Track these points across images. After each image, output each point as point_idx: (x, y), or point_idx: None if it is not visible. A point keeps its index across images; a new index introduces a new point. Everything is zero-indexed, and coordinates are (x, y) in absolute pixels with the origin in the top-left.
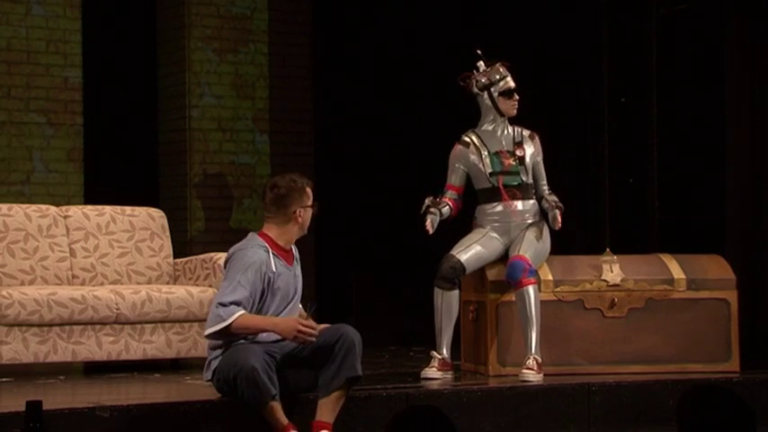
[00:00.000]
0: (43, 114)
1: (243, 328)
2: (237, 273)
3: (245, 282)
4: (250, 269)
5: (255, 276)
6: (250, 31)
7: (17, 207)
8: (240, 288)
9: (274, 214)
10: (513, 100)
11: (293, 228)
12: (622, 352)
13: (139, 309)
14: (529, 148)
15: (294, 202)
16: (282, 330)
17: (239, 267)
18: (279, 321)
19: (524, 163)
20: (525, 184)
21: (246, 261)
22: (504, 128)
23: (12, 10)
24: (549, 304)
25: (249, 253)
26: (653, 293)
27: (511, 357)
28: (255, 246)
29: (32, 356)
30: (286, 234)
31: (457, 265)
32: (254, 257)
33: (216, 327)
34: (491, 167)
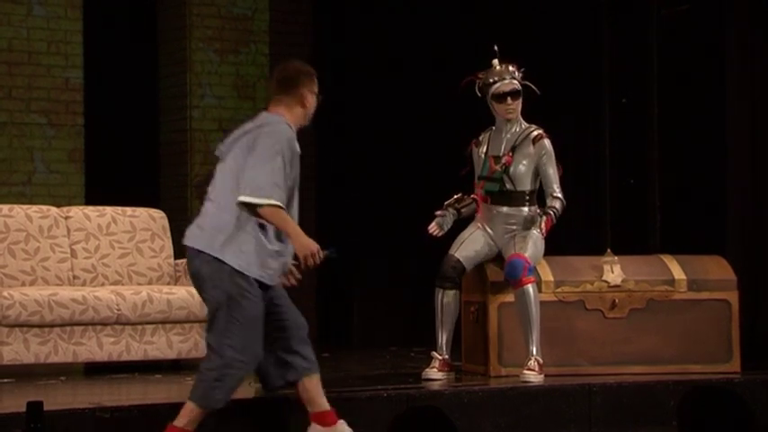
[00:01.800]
0: (44, 115)
1: (270, 216)
2: (281, 153)
3: (285, 167)
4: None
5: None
6: (251, 32)
7: (18, 208)
8: (282, 172)
9: (284, 95)
10: (505, 104)
11: (300, 111)
12: (623, 353)
13: (140, 309)
14: (525, 153)
15: (303, 83)
16: (302, 244)
17: (284, 145)
18: (303, 234)
19: (509, 171)
20: (509, 191)
21: (285, 139)
22: (508, 130)
23: (13, 11)
24: (550, 305)
25: (282, 128)
26: (654, 294)
27: (511, 358)
28: (283, 122)
29: (33, 357)
30: (293, 117)
31: (457, 264)
32: (287, 134)
33: (258, 199)
34: (479, 171)
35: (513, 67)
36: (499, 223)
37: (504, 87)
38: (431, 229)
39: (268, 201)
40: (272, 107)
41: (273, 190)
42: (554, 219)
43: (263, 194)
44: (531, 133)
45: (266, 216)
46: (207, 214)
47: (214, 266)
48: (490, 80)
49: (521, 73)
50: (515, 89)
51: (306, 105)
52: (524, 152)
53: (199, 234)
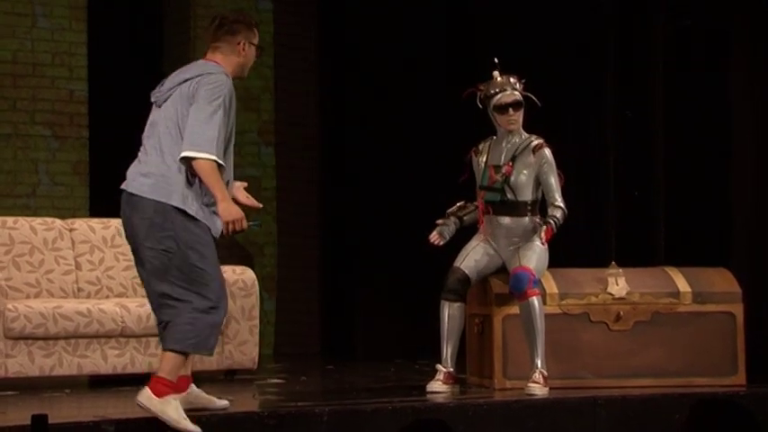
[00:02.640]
0: (49, 127)
1: (206, 173)
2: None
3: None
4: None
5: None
6: None
7: (23, 220)
8: (219, 125)
9: (222, 42)
10: (507, 115)
11: (237, 60)
12: (628, 365)
13: (145, 322)
14: (525, 163)
15: (241, 32)
16: (228, 208)
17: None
18: (229, 199)
19: (510, 181)
20: (510, 201)
21: (226, 90)
22: (509, 140)
23: (18, 23)
24: (555, 317)
25: (221, 78)
26: (659, 307)
27: (516, 370)
28: (222, 72)
29: (38, 370)
30: (230, 66)
31: (462, 276)
32: (225, 83)
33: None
34: (480, 181)
35: (513, 79)
36: (502, 234)
37: (505, 98)
38: (432, 238)
39: (205, 155)
40: (208, 55)
41: (212, 145)
42: (555, 228)
43: (201, 148)
44: (531, 143)
45: (201, 171)
46: (150, 162)
47: (165, 214)
48: (491, 92)
49: (522, 84)
50: (517, 100)
51: (243, 55)
52: (525, 162)
53: (145, 182)
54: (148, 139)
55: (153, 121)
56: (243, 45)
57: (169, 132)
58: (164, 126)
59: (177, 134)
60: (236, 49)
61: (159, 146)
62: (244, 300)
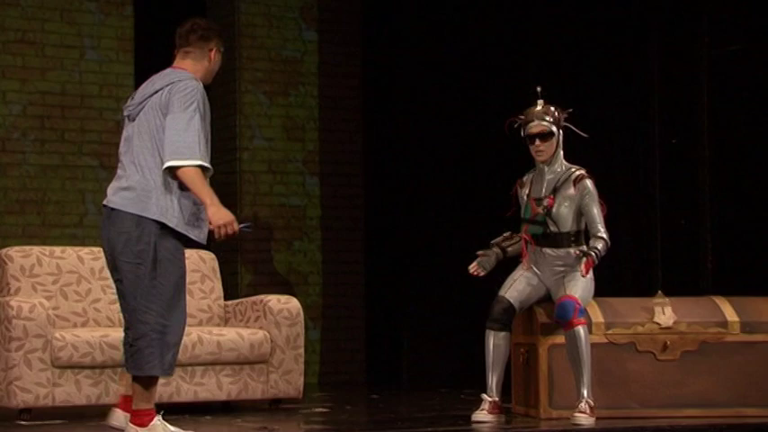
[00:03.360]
0: (96, 157)
1: (191, 180)
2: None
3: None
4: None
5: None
6: (300, 74)
7: (70, 250)
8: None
9: (193, 48)
10: (534, 146)
11: (206, 65)
12: (676, 395)
13: (190, 351)
14: (566, 195)
15: (213, 39)
16: (217, 212)
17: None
18: (219, 204)
19: (552, 213)
20: (553, 233)
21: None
22: (550, 171)
23: (66, 55)
24: (601, 347)
25: (194, 84)
26: (706, 336)
27: (562, 400)
28: (192, 78)
29: (85, 399)
30: (199, 72)
31: (507, 306)
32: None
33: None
34: (523, 213)
35: (549, 109)
36: (547, 265)
37: (532, 129)
38: (471, 269)
39: (190, 162)
40: (177, 61)
41: (193, 150)
42: (596, 259)
43: (185, 156)
44: (572, 174)
45: (186, 179)
46: (129, 177)
47: (143, 227)
48: (527, 119)
49: (565, 114)
50: (544, 131)
51: (213, 61)
52: (566, 193)
53: (126, 195)
54: (125, 154)
55: (128, 136)
56: (213, 52)
57: (145, 145)
58: (138, 140)
59: (153, 146)
60: (208, 55)
61: (136, 160)
62: (289, 329)
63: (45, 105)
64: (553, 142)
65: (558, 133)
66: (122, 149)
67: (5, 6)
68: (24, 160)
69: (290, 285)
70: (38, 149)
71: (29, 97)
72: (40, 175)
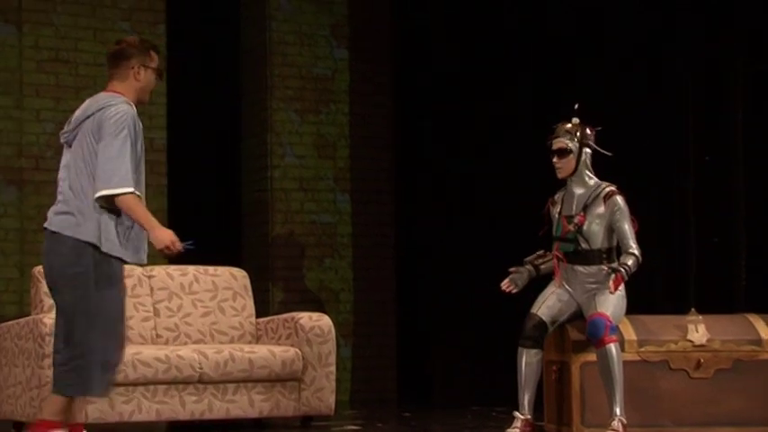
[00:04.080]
0: None
1: (128, 207)
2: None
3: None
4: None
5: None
6: (331, 92)
7: None
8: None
9: (116, 69)
10: (553, 162)
11: (134, 84)
12: (709, 414)
13: (222, 368)
14: (597, 212)
15: (134, 56)
16: (158, 235)
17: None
18: (158, 226)
19: (582, 231)
20: (584, 251)
21: (129, 119)
22: (579, 188)
23: (99, 73)
24: (634, 365)
25: (124, 108)
26: (740, 354)
27: (595, 418)
28: (123, 102)
29: (117, 416)
30: (129, 93)
31: (540, 323)
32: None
33: (113, 190)
34: (555, 231)
35: (579, 126)
36: (578, 282)
37: (553, 146)
38: (504, 285)
39: (123, 189)
40: (108, 85)
41: (126, 179)
42: (625, 276)
43: (118, 184)
44: (602, 191)
45: (123, 206)
46: (67, 200)
47: (80, 250)
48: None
49: (592, 132)
50: (561, 148)
51: (139, 79)
52: (596, 210)
53: (63, 219)
54: (63, 180)
55: (66, 163)
56: (137, 69)
57: (80, 170)
58: (74, 165)
59: (87, 171)
60: (130, 74)
61: (73, 185)
62: (320, 346)
63: None
64: (570, 159)
65: (577, 151)
66: (61, 175)
67: (39, 26)
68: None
69: (321, 303)
70: None
71: (62, 116)
72: None
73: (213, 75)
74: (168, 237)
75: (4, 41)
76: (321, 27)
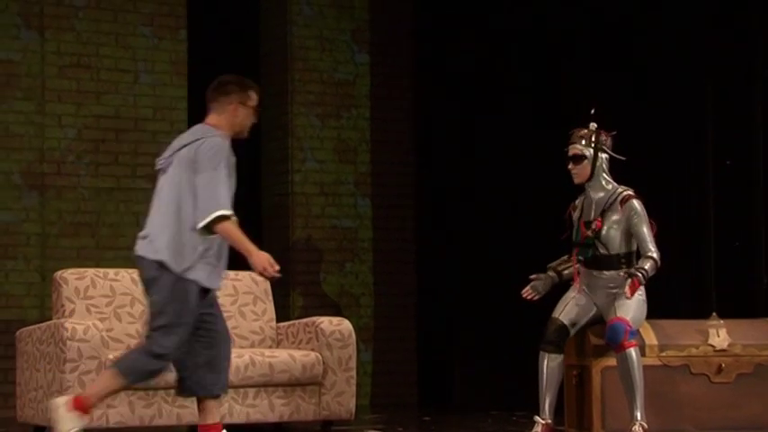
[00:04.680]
0: (149, 180)
1: (227, 234)
2: (222, 166)
3: (227, 178)
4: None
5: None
6: (352, 97)
7: (124, 272)
8: (226, 185)
9: (215, 101)
10: (569, 167)
11: (230, 120)
12: (731, 418)
13: (243, 373)
14: (614, 216)
15: (235, 93)
16: (256, 259)
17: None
18: (254, 249)
19: (601, 236)
20: (603, 256)
21: (223, 152)
22: (597, 193)
23: (121, 79)
24: (655, 369)
25: (219, 141)
26: (762, 359)
27: (615, 422)
28: (219, 136)
29: (138, 420)
30: (224, 126)
31: (561, 327)
32: (224, 147)
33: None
34: (574, 237)
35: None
36: (598, 287)
37: (568, 151)
38: (525, 293)
39: (221, 212)
40: (207, 116)
41: (224, 204)
42: (642, 280)
43: (216, 208)
44: (619, 195)
45: (221, 232)
46: (150, 223)
47: (159, 269)
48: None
49: (606, 138)
50: (575, 154)
51: (236, 116)
52: (613, 215)
53: (144, 242)
54: (156, 203)
55: (159, 187)
56: (235, 106)
57: (170, 196)
58: (167, 189)
59: (178, 196)
60: (229, 109)
61: (160, 207)
62: (341, 350)
63: (99, 129)
64: (585, 165)
65: (591, 156)
66: (153, 200)
67: (61, 31)
68: (79, 183)
69: (341, 307)
70: (92, 172)
71: (84, 121)
72: (94, 197)
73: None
74: (266, 260)
75: (27, 47)
76: (342, 32)
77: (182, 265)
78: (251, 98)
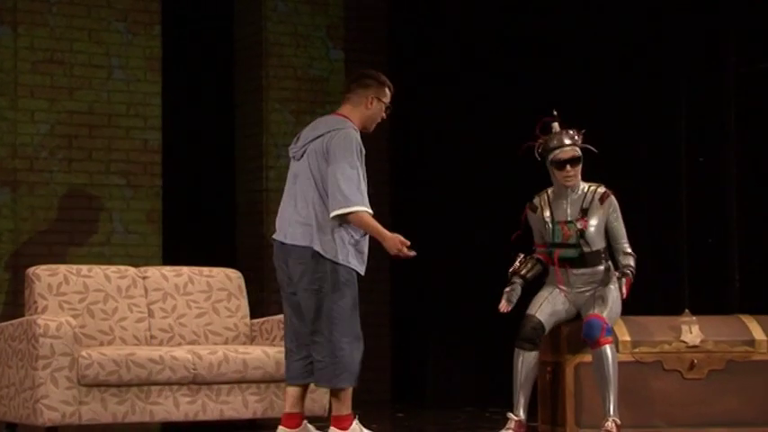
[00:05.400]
0: (123, 176)
1: (361, 223)
2: (355, 156)
3: (360, 168)
4: (357, 153)
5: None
6: (327, 93)
7: (97, 268)
8: (362, 177)
9: (352, 94)
10: (564, 171)
11: (363, 112)
12: (703, 414)
13: (216, 369)
14: (596, 214)
15: (372, 88)
16: (390, 241)
17: (355, 148)
18: (387, 234)
19: (585, 235)
20: (586, 254)
21: (355, 143)
22: (570, 195)
23: (94, 74)
24: (628, 365)
25: (351, 133)
26: (733, 355)
27: (588, 419)
28: (350, 127)
29: (111, 417)
30: (357, 118)
31: (537, 325)
32: (355, 137)
33: (347, 209)
34: (551, 238)
35: (573, 132)
36: (578, 284)
37: (563, 155)
38: (501, 308)
39: (356, 208)
40: (341, 107)
41: (358, 197)
42: (632, 278)
43: (350, 204)
44: (596, 192)
45: (355, 223)
46: (300, 212)
47: (317, 258)
48: (550, 145)
49: (581, 136)
50: (574, 156)
51: (370, 108)
52: (595, 212)
53: (298, 230)
54: (293, 189)
55: (295, 173)
56: (371, 99)
57: (309, 184)
58: (304, 177)
59: (314, 185)
60: (364, 102)
61: (305, 196)
62: None
63: (73, 125)
64: (580, 167)
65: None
66: (289, 184)
67: (34, 27)
68: (52, 179)
69: None
70: (65, 168)
71: (57, 116)
72: (67, 193)
73: (208, 76)
74: (398, 242)
75: None
76: (317, 28)
77: (334, 252)
78: (386, 94)
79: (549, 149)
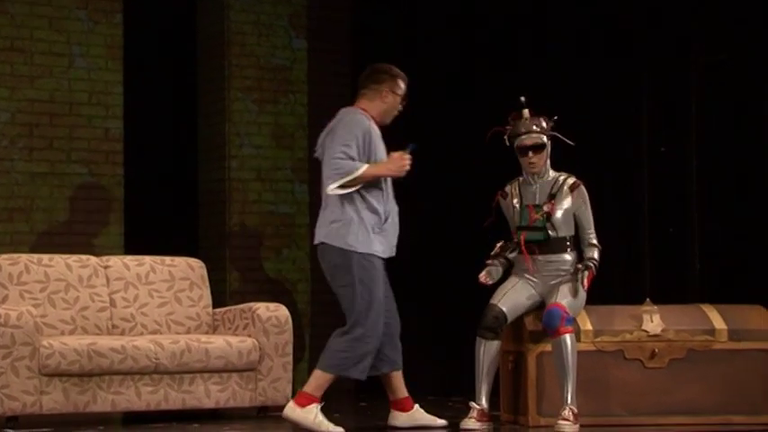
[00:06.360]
0: (84, 165)
1: (357, 182)
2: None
3: (353, 139)
4: (357, 127)
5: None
6: (290, 82)
7: (58, 257)
8: (353, 144)
9: (367, 88)
10: (527, 158)
11: (378, 104)
12: (664, 403)
13: (178, 359)
14: (565, 201)
15: (386, 82)
16: (390, 169)
17: (356, 129)
18: (385, 166)
19: (552, 219)
20: (552, 239)
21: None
22: (538, 180)
23: (55, 63)
24: (589, 354)
25: (357, 117)
26: (694, 344)
27: (551, 408)
28: (359, 113)
29: (72, 406)
30: (372, 109)
31: (500, 314)
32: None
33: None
34: (518, 221)
35: (542, 119)
36: (545, 271)
37: (525, 141)
38: (481, 277)
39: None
40: (356, 101)
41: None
42: (595, 271)
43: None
44: (566, 181)
45: (357, 183)
46: (328, 211)
47: (344, 255)
48: (517, 131)
49: (551, 123)
50: (537, 143)
51: (385, 102)
52: (563, 199)
53: (324, 230)
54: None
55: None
56: (386, 93)
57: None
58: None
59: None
60: (380, 96)
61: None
62: (277, 336)
63: (33, 113)
64: (544, 154)
65: (548, 143)
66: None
67: None
68: (12, 168)
69: (278, 293)
70: (26, 157)
71: (17, 105)
72: (28, 182)
73: (170, 64)
74: (399, 162)
75: None
76: (279, 17)
77: (361, 243)
78: (400, 87)
79: (514, 135)
